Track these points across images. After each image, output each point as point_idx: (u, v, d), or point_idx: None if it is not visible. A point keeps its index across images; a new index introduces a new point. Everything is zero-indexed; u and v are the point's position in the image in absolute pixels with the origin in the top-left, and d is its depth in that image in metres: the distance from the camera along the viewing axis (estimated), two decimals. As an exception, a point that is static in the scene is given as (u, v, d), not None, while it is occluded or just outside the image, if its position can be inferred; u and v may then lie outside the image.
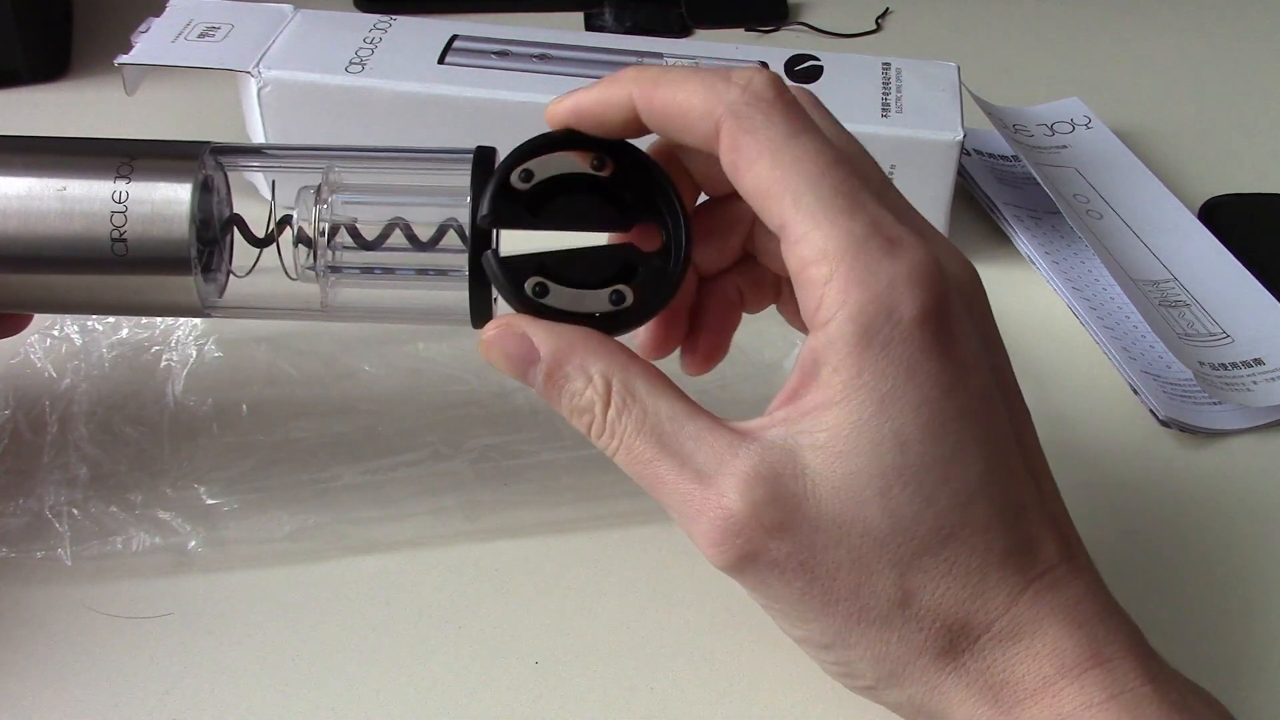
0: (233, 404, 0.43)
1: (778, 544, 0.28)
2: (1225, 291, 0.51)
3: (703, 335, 0.35)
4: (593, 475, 0.41)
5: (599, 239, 0.33)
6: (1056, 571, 0.29)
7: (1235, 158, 0.62)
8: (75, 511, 0.38)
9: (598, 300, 0.31)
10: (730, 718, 0.35)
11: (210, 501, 0.39)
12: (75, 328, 0.44)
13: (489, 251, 0.32)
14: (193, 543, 0.38)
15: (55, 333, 0.44)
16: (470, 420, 0.43)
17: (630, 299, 0.31)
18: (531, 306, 0.31)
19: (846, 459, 0.28)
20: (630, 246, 0.32)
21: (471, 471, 0.41)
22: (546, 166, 0.32)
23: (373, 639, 0.37)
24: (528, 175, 0.32)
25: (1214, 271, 0.52)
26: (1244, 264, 0.52)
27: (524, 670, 0.36)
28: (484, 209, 0.32)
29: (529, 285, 0.31)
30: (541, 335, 0.31)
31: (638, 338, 0.34)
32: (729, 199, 0.33)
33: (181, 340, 0.44)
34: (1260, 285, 0.51)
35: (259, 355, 0.44)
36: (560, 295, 0.31)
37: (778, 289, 0.36)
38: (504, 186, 0.31)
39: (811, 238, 0.28)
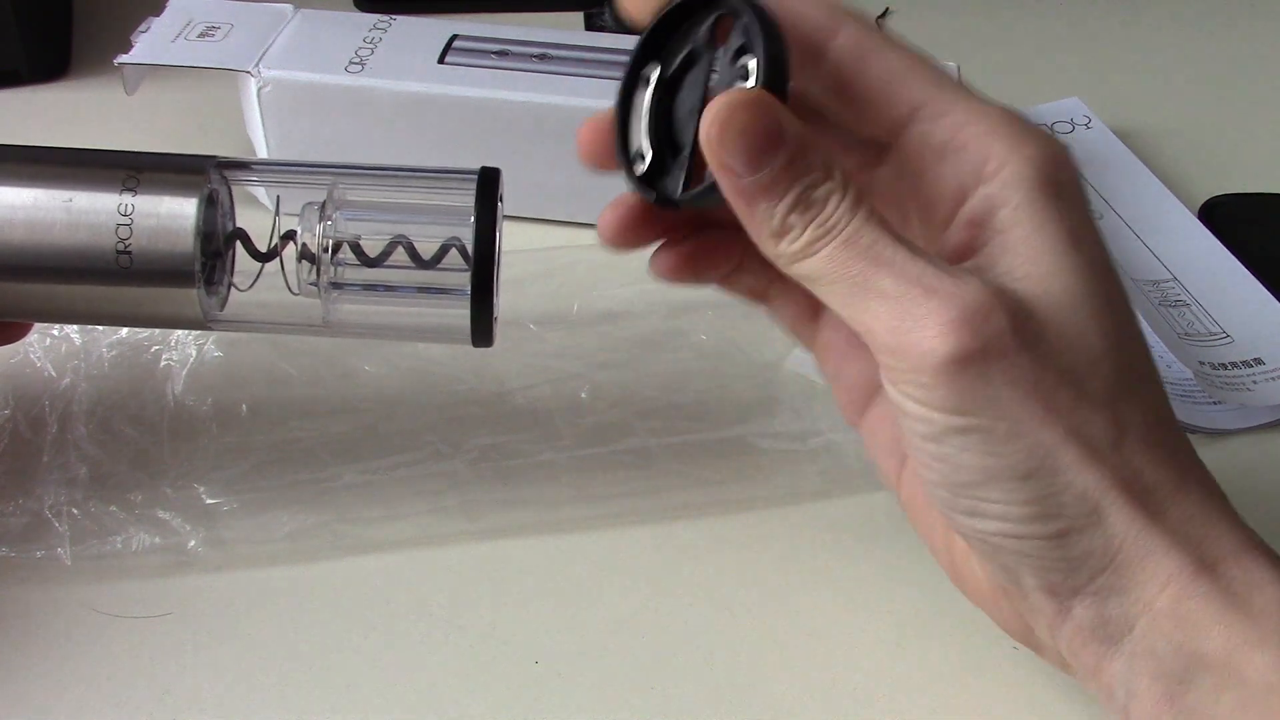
0: (233, 404, 0.42)
1: (1013, 339, 0.27)
2: (1225, 291, 0.51)
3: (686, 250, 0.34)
4: (593, 474, 0.41)
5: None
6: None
7: (1235, 158, 0.61)
8: (75, 511, 0.38)
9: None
10: (730, 717, 0.35)
11: (210, 501, 0.39)
12: (75, 328, 0.44)
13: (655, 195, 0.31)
14: (192, 542, 0.38)
15: (55, 332, 0.44)
16: (470, 420, 0.43)
17: (756, 65, 0.28)
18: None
19: (1055, 279, 0.28)
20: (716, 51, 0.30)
21: (471, 471, 0.41)
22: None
23: (373, 639, 0.37)
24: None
25: (1214, 271, 0.52)
26: (1244, 264, 0.52)
27: (524, 670, 0.36)
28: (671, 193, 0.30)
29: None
30: (790, 118, 0.28)
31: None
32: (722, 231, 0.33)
33: (181, 340, 0.44)
34: (1260, 285, 0.51)
35: (259, 355, 0.44)
36: None
37: (765, 295, 0.35)
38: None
39: (960, 107, 0.30)
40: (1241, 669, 0.27)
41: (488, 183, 0.34)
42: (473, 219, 0.33)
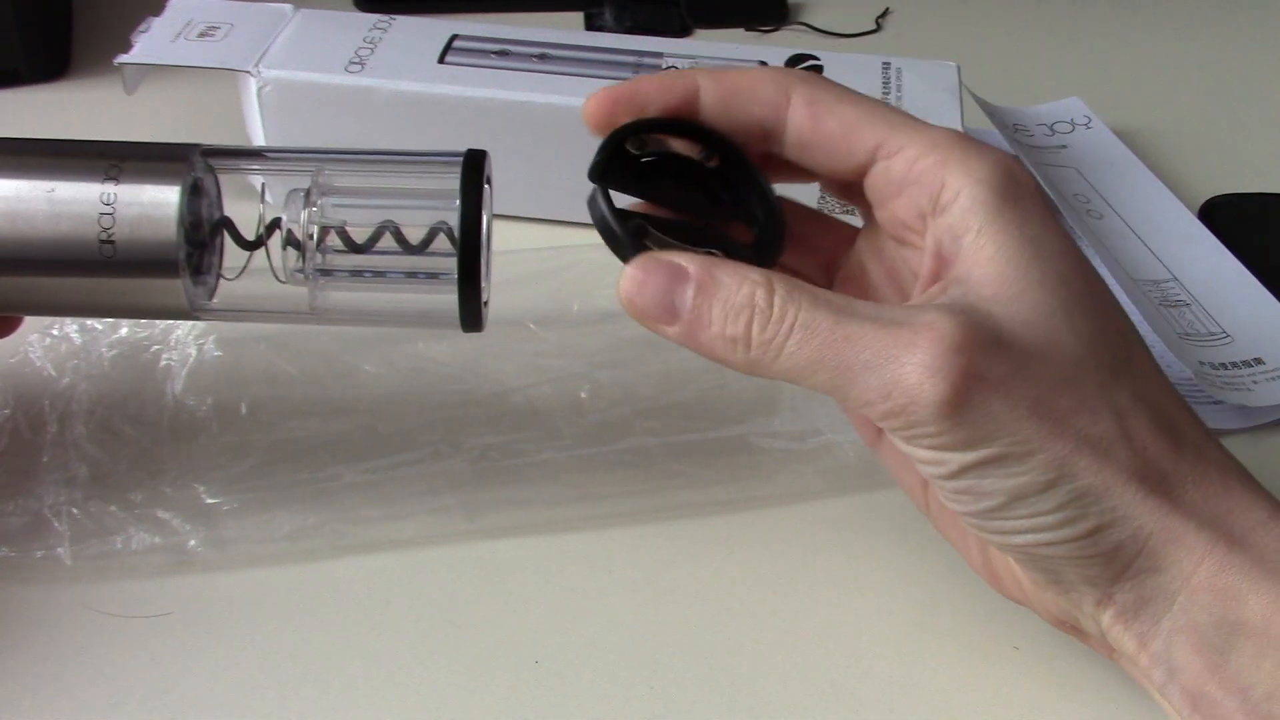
0: (232, 403, 0.42)
1: (998, 363, 0.28)
2: (1225, 291, 0.51)
3: None
4: (593, 474, 0.41)
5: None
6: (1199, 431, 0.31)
7: (1235, 158, 0.62)
8: (75, 511, 0.38)
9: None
10: (730, 717, 0.35)
11: (210, 501, 0.39)
12: (75, 327, 0.44)
13: (597, 190, 0.31)
14: (192, 542, 0.38)
15: (55, 332, 0.44)
16: (470, 420, 0.43)
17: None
18: (635, 245, 0.31)
19: (1022, 297, 0.29)
20: (724, 234, 0.33)
21: (471, 471, 0.41)
22: (659, 143, 0.33)
23: (373, 639, 0.37)
24: (641, 144, 0.32)
25: (1214, 271, 0.52)
26: (1244, 264, 0.52)
27: (524, 670, 0.36)
28: (596, 159, 0.32)
29: (632, 224, 0.31)
30: (687, 258, 0.30)
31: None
32: None
33: (181, 339, 0.44)
34: (1260, 285, 0.51)
35: (259, 355, 0.44)
36: (660, 243, 0.31)
37: None
38: (619, 147, 0.32)
39: (914, 140, 0.31)
40: None
41: (473, 165, 0.33)
42: (458, 202, 0.32)
